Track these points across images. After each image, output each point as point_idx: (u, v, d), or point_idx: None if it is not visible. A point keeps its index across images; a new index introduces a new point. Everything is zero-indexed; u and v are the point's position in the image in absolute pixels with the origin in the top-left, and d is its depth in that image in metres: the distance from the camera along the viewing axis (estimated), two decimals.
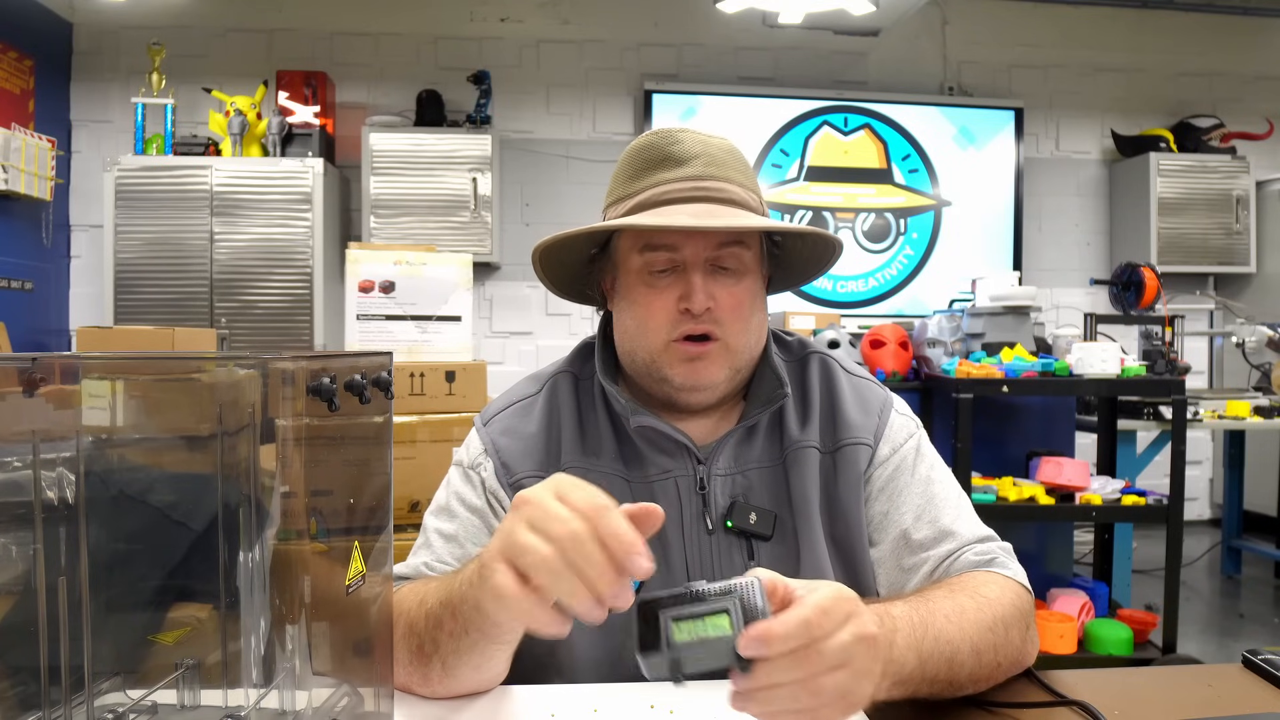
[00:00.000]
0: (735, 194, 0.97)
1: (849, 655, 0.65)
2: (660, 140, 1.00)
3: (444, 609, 0.81)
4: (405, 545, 1.04)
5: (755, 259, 1.00)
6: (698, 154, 0.98)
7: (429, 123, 4.67)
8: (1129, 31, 5.40)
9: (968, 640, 0.82)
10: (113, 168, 4.32)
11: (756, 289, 1.01)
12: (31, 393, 0.64)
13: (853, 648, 0.65)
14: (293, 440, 0.64)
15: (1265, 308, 4.77)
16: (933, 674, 0.80)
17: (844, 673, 0.64)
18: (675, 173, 0.97)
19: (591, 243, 1.04)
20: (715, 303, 0.96)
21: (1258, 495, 4.62)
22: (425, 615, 0.83)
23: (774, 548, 0.98)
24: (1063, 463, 2.99)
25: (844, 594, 0.67)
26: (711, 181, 0.97)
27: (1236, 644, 3.41)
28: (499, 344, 4.99)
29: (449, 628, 0.80)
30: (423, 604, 0.85)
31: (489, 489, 1.01)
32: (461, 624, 0.79)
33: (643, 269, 0.98)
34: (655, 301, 0.97)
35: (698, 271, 0.96)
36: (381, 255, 2.56)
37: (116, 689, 0.72)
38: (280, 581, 0.65)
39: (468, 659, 0.81)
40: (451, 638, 0.80)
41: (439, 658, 0.82)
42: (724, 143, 1.02)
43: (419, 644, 0.83)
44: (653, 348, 0.98)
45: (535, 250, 1.01)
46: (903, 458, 1.03)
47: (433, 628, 0.82)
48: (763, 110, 5.11)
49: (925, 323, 3.47)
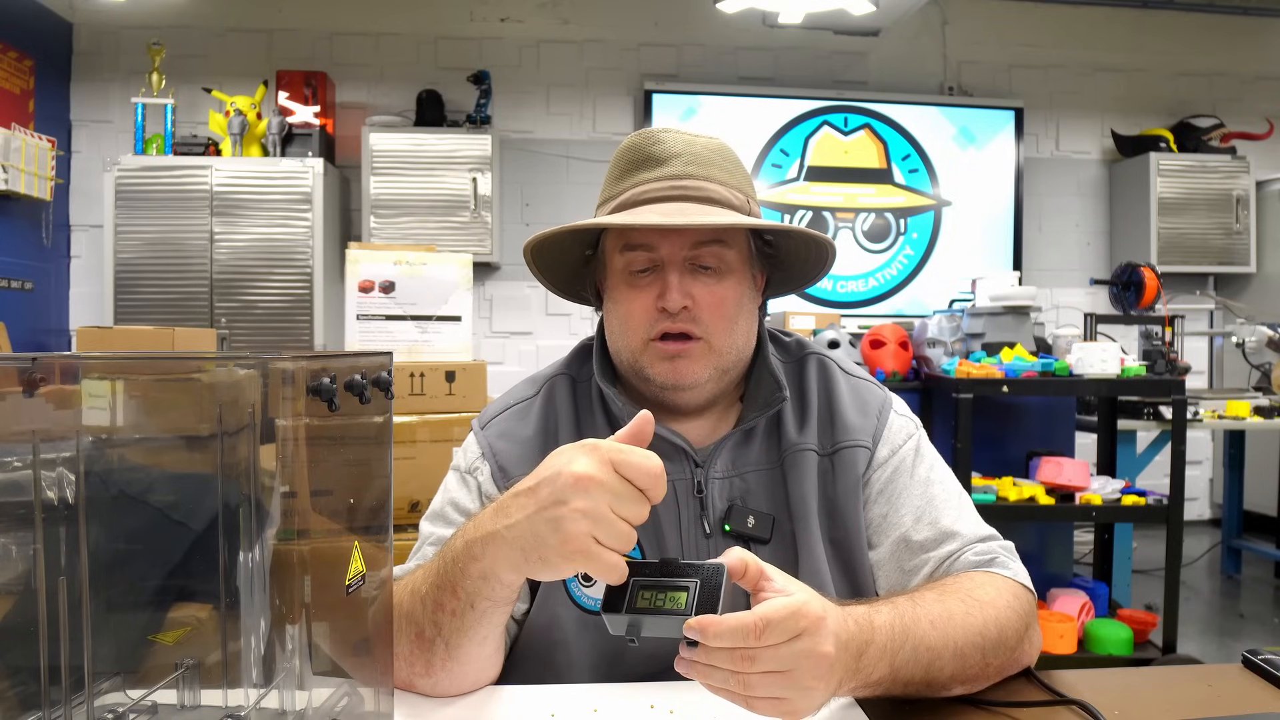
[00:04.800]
0: (714, 192, 0.97)
1: (789, 665, 0.69)
2: (642, 141, 1.01)
3: (441, 591, 0.82)
4: (405, 545, 1.04)
5: (740, 258, 1.00)
6: (679, 153, 0.98)
7: (429, 123, 4.67)
8: (1129, 31, 5.40)
9: (950, 646, 0.83)
10: (113, 168, 4.32)
11: (742, 289, 1.00)
12: (31, 393, 0.64)
13: (795, 660, 0.69)
14: (293, 440, 0.64)
15: (1265, 308, 4.77)
16: (907, 678, 0.81)
17: (779, 679, 0.70)
18: (654, 172, 0.98)
19: (585, 243, 1.05)
20: (694, 301, 0.96)
21: (1258, 495, 4.61)
22: (421, 601, 0.84)
23: (772, 551, 0.98)
24: (1063, 463, 2.99)
25: (805, 610, 0.70)
26: (690, 180, 0.97)
27: (1236, 644, 3.41)
28: (499, 344, 4.99)
29: (450, 607, 0.82)
30: (415, 593, 0.86)
31: (485, 493, 1.01)
32: (466, 599, 0.81)
33: (624, 269, 0.99)
34: (635, 300, 0.98)
35: (674, 270, 0.96)
36: (381, 255, 2.56)
37: (116, 689, 0.72)
38: (280, 581, 0.65)
39: (472, 633, 0.83)
40: (454, 616, 0.82)
41: (441, 639, 0.83)
42: (711, 142, 1.02)
43: (418, 631, 0.84)
44: (634, 347, 0.99)
45: (525, 248, 1.02)
46: (902, 459, 1.02)
47: (432, 610, 0.83)
48: (763, 110, 5.11)
49: (925, 323, 3.47)
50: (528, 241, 1.00)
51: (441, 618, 0.83)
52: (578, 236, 1.03)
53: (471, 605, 0.81)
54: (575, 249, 1.05)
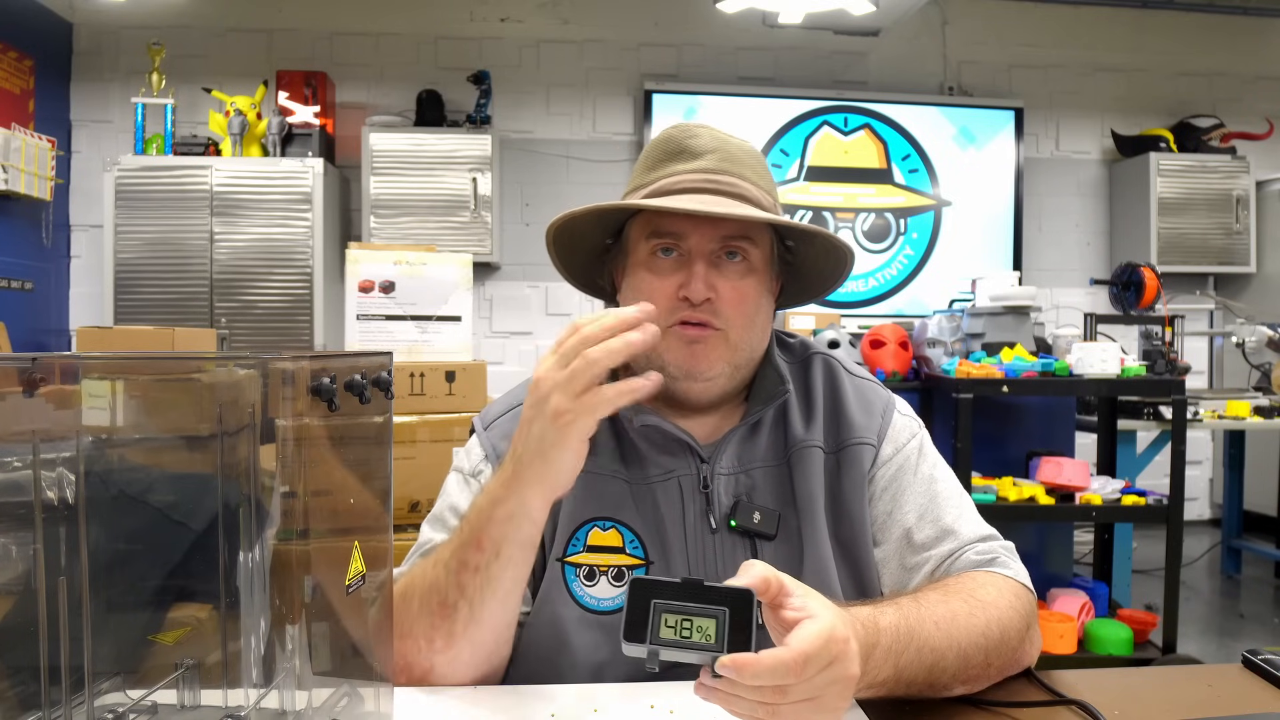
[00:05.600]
0: (747, 190, 0.98)
1: (819, 693, 0.68)
2: (678, 134, 1.01)
3: (466, 548, 0.85)
4: (405, 545, 1.04)
5: (763, 259, 1.00)
6: (713, 149, 0.99)
7: (429, 123, 4.67)
8: (1129, 31, 5.40)
9: (954, 647, 0.83)
10: (113, 168, 4.32)
11: (762, 289, 1.00)
12: (31, 393, 0.64)
13: (826, 688, 0.68)
14: (293, 440, 0.64)
15: (1265, 308, 4.77)
16: (909, 679, 0.81)
17: (809, 705, 0.68)
18: (689, 164, 0.98)
19: (605, 233, 1.05)
20: (717, 294, 0.96)
21: (1258, 495, 4.62)
22: (444, 568, 0.87)
23: (778, 547, 0.98)
24: (1063, 463, 2.99)
25: (836, 634, 0.68)
26: (724, 176, 0.98)
27: (1236, 644, 3.41)
28: (499, 344, 4.99)
29: (474, 562, 0.84)
30: (437, 563, 0.88)
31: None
32: (492, 547, 0.84)
33: (648, 255, 0.99)
34: (656, 286, 0.97)
35: (701, 261, 0.96)
36: (381, 255, 2.56)
37: (116, 689, 0.72)
38: (280, 581, 0.65)
39: (497, 587, 0.85)
40: (478, 572, 0.84)
41: (465, 600, 0.86)
42: (743, 143, 1.03)
43: (441, 600, 0.86)
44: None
45: (550, 227, 1.01)
46: (905, 457, 1.03)
47: (456, 571, 0.86)
48: (763, 110, 5.11)
49: (925, 323, 3.47)
50: (553, 221, 1.00)
51: (465, 577, 0.85)
52: (602, 222, 1.02)
53: (498, 554, 0.83)
54: (597, 235, 1.05)
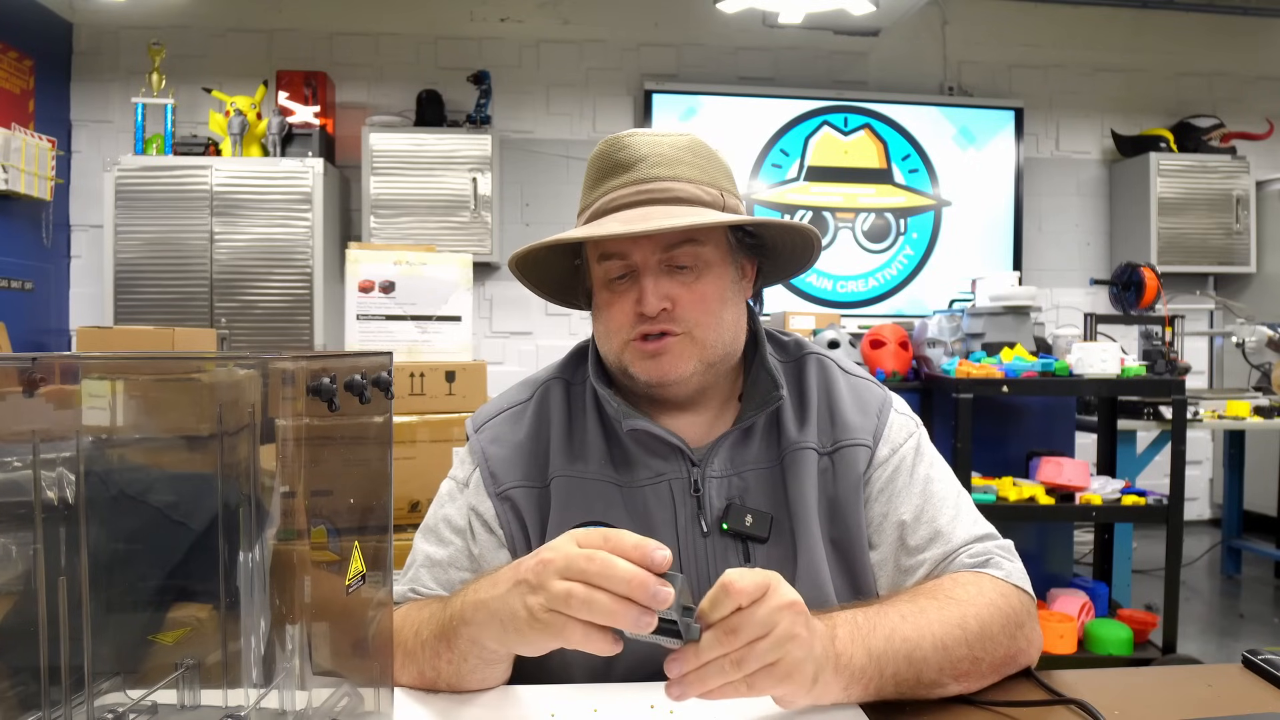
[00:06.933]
0: (682, 191, 0.97)
1: (772, 621, 0.72)
2: (609, 148, 1.01)
3: (440, 641, 0.87)
4: (405, 545, 1.05)
5: (719, 253, 1.00)
6: (644, 156, 0.98)
7: (429, 123, 4.67)
8: (1129, 31, 5.40)
9: (929, 636, 0.83)
10: (113, 168, 4.32)
11: (723, 283, 1.00)
12: (31, 393, 0.64)
13: (775, 615, 0.72)
14: (293, 440, 0.64)
15: (1265, 308, 4.77)
16: (893, 671, 0.82)
17: (773, 671, 0.72)
18: (621, 179, 0.98)
19: (571, 252, 1.06)
20: (674, 303, 0.97)
21: (1258, 495, 4.61)
22: (421, 646, 0.89)
23: (771, 550, 0.98)
24: (1063, 463, 2.99)
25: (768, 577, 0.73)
26: (656, 183, 0.97)
27: (1236, 644, 3.40)
28: (499, 344, 4.99)
29: (447, 657, 0.87)
30: (418, 635, 0.90)
31: (472, 507, 1.02)
32: (460, 654, 0.85)
33: (603, 277, 1.00)
34: (615, 306, 0.99)
35: (648, 275, 0.96)
36: (381, 255, 2.56)
37: (116, 689, 0.72)
38: (280, 581, 0.65)
39: (470, 677, 0.88)
40: (450, 664, 0.87)
41: (442, 680, 0.89)
42: (679, 140, 1.01)
43: (419, 670, 0.89)
44: (616, 349, 1.00)
45: (510, 263, 1.03)
46: (902, 458, 1.02)
47: (431, 658, 0.88)
48: (763, 110, 5.10)
49: (925, 323, 3.47)
50: (512, 257, 1.02)
51: (440, 664, 0.87)
52: (563, 246, 1.03)
53: (465, 660, 0.86)
54: (563, 258, 1.06)
